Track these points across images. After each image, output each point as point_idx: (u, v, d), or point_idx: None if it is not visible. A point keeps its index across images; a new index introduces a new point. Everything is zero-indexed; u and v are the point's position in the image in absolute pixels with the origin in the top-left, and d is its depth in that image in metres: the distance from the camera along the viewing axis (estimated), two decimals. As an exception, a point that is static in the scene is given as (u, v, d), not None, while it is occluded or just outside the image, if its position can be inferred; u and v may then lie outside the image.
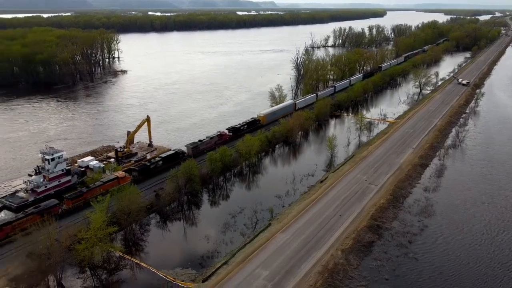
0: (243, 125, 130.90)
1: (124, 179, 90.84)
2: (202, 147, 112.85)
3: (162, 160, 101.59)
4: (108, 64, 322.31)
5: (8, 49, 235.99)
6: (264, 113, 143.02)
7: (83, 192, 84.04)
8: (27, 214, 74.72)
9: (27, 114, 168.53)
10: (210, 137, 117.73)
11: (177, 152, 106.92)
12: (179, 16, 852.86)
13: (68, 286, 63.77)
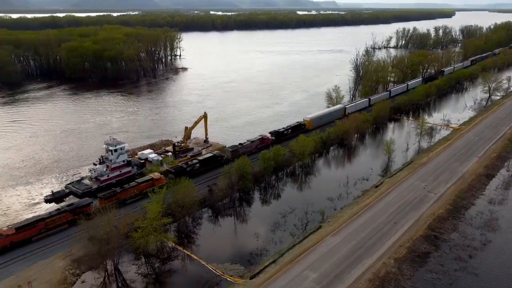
0: (287, 130, 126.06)
1: (159, 180, 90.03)
2: (242, 151, 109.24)
3: (199, 162, 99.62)
4: (170, 62, 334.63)
5: (81, 45, 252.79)
6: (310, 118, 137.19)
7: (117, 192, 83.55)
8: (60, 212, 75.66)
9: (94, 107, 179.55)
10: (251, 141, 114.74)
11: (215, 155, 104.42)
12: (239, 16, 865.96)
13: (124, 271, 67.13)
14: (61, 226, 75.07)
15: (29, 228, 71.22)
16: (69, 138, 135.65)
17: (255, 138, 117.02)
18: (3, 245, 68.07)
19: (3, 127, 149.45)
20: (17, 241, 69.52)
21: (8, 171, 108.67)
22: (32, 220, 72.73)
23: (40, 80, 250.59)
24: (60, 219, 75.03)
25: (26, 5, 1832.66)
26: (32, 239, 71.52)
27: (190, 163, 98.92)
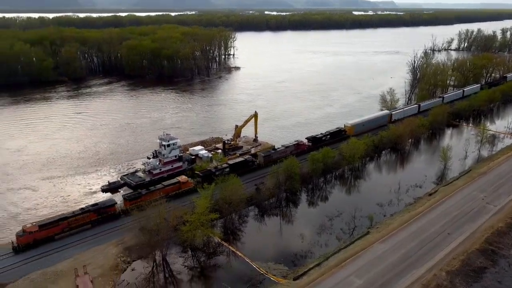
0: (325, 135, 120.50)
1: (186, 184, 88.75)
2: (275, 156, 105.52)
3: (229, 167, 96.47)
4: (223, 61, 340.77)
5: (140, 44, 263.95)
6: (352, 124, 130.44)
7: (142, 194, 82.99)
8: (84, 212, 75.72)
9: (150, 103, 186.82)
10: (286, 146, 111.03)
11: (246, 160, 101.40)
12: (294, 16, 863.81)
13: (171, 262, 69.34)
14: (84, 225, 75.38)
15: (52, 227, 71.85)
16: (125, 132, 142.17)
17: (290, 144, 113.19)
18: (27, 242, 68.97)
19: (67, 119, 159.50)
20: (40, 239, 70.11)
21: (69, 160, 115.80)
22: (55, 219, 73.30)
23: (102, 76, 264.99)
24: (84, 219, 75.26)
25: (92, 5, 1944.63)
26: (55, 237, 72.04)
27: (220, 167, 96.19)
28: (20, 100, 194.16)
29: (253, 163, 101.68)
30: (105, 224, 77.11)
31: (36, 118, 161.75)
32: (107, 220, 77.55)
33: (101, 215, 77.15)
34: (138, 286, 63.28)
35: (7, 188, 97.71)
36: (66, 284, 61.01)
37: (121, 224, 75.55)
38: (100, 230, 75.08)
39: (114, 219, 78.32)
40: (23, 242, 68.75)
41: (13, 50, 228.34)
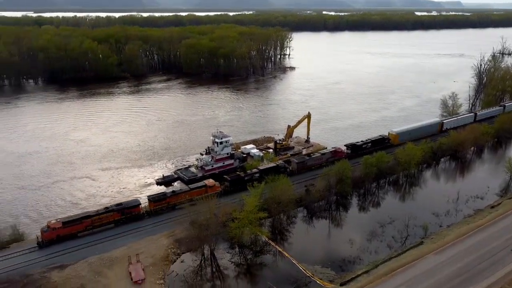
0: (367, 143, 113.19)
1: (213, 188, 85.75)
2: (309, 163, 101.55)
3: (259, 172, 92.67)
4: (279, 60, 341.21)
5: (198, 43, 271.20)
6: (397, 132, 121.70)
7: (167, 196, 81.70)
8: (108, 211, 75.51)
9: (205, 101, 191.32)
10: (322, 153, 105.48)
11: (278, 166, 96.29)
12: (352, 16, 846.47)
13: (219, 258, 70.61)
14: (107, 224, 75.21)
15: (75, 224, 72.16)
16: (179, 128, 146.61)
17: (327, 150, 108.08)
18: (50, 238, 69.63)
19: (127, 114, 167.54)
20: (63, 235, 70.77)
21: (127, 153, 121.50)
22: (79, 217, 73.61)
23: (161, 73, 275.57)
24: (107, 218, 75.08)
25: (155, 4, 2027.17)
26: (78, 234, 72.49)
27: (250, 172, 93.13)
28: (86, 94, 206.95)
29: (285, 169, 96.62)
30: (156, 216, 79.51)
31: (99, 111, 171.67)
32: (131, 220, 77.22)
33: (125, 215, 76.71)
34: (186, 278, 65.13)
35: (70, 177, 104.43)
36: (120, 270, 64.13)
37: (174, 217, 77.62)
38: (154, 220, 77.89)
39: (138, 219, 78.01)
40: (47, 238, 69.58)
41: (82, 47, 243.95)
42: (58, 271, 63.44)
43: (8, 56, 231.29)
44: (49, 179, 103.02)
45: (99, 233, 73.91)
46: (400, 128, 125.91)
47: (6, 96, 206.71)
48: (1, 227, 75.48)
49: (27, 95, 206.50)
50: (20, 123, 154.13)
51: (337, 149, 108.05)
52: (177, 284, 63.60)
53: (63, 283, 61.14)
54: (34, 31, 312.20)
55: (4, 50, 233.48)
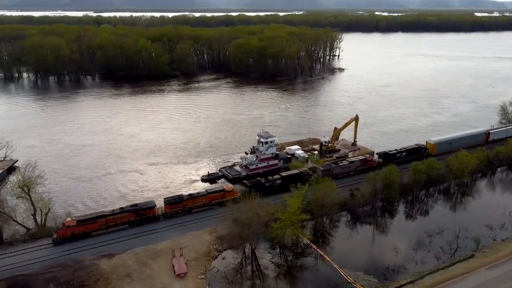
0: (401, 152, 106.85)
1: (231, 193, 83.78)
2: (336, 171, 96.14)
3: (281, 179, 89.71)
4: (328, 61, 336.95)
5: (248, 42, 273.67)
6: (436, 141, 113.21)
7: (183, 199, 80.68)
8: (123, 211, 75.64)
9: (251, 100, 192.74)
10: (351, 161, 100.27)
11: (301, 173, 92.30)
12: (406, 16, 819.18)
13: (259, 257, 70.90)
14: (122, 225, 75.24)
15: (89, 223, 72.61)
16: (225, 127, 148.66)
17: (356, 158, 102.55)
18: (64, 235, 70.40)
19: (176, 111, 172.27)
20: (78, 233, 71.23)
21: (173, 149, 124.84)
22: (94, 216, 74.19)
23: (210, 72, 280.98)
24: (122, 218, 75.16)
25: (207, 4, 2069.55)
26: (92, 233, 72.77)
27: (271, 178, 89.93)
28: (138, 91, 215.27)
29: (309, 177, 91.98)
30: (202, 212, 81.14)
31: (149, 108, 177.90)
32: (145, 221, 76.86)
33: (139, 216, 76.45)
34: (227, 274, 66.01)
35: (119, 170, 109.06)
36: (164, 262, 66.18)
37: (217, 214, 78.70)
38: (198, 216, 79.58)
39: (153, 221, 77.52)
40: (62, 235, 70.44)
41: (137, 46, 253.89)
42: (107, 259, 66.55)
43: (69, 53, 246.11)
44: (100, 171, 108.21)
45: (146, 224, 76.54)
46: (440, 137, 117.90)
47: (66, 91, 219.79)
48: (57, 214, 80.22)
49: (85, 91, 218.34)
50: (77, 116, 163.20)
51: (368, 157, 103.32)
52: (217, 280, 64.63)
53: (111, 271, 64.05)
54: (94, 30, 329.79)
55: (66, 47, 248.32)
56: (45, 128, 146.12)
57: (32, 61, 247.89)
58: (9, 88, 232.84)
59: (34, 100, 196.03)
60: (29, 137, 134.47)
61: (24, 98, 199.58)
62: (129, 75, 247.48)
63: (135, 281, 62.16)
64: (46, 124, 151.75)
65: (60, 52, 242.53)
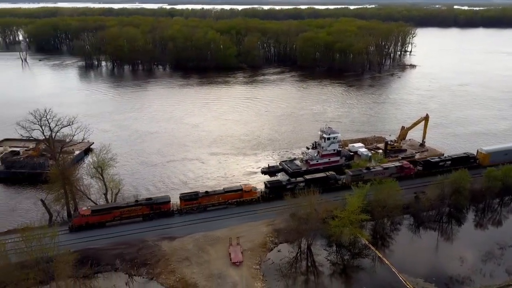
0: (445, 160, 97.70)
1: (249, 193, 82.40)
2: (367, 177, 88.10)
3: (305, 182, 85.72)
4: (398, 57, 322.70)
5: (315, 36, 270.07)
6: (489, 150, 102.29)
7: (199, 196, 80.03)
8: (137, 204, 76.55)
9: (315, 95, 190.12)
10: (385, 167, 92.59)
11: (328, 177, 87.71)
12: (489, 11, 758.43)
13: (315, 253, 70.34)
14: (135, 217, 76.21)
15: (104, 214, 73.90)
16: (286, 121, 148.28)
17: (391, 165, 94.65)
18: (79, 224, 72.34)
19: (239, 103, 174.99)
20: (92, 223, 72.79)
21: (234, 141, 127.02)
22: (108, 206, 75.68)
23: (276, 65, 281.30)
24: (136, 211, 76.09)
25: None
26: (106, 224, 74.16)
27: (293, 180, 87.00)
28: (205, 82, 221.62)
29: (336, 182, 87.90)
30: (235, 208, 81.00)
31: (214, 99, 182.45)
32: (159, 216, 77.22)
33: (154, 210, 77.15)
34: (282, 267, 66.33)
35: (182, 158, 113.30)
36: (221, 249, 68.03)
37: (276, 206, 78.98)
38: (257, 207, 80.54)
39: (167, 216, 77.58)
40: (77, 223, 72.64)
41: (206, 38, 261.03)
42: (168, 241, 69.89)
43: (144, 44, 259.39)
44: (164, 157, 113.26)
45: (210, 211, 79.14)
46: (494, 147, 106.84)
47: (138, 79, 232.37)
48: (125, 195, 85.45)
49: (155, 80, 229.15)
50: (146, 104, 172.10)
51: (404, 164, 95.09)
52: (271, 272, 65.16)
53: (171, 253, 67.17)
54: (166, 22, 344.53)
55: (141, 38, 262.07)
56: (118, 114, 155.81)
57: (110, 51, 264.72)
58: (89, 75, 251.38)
59: (110, 87, 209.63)
60: (103, 121, 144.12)
61: (102, 85, 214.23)
62: (198, 66, 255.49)
63: (193, 265, 64.60)
64: (118, 110, 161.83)
65: (135, 43, 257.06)
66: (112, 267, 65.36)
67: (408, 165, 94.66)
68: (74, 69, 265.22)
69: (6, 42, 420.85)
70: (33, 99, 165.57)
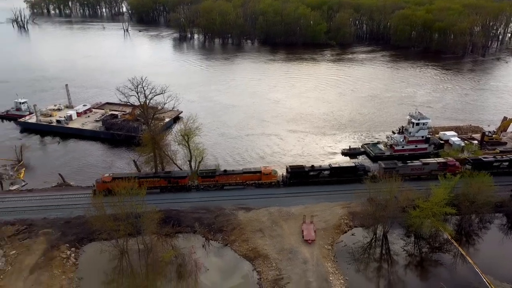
0: (501, 161, 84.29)
1: (268, 176, 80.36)
2: (402, 172, 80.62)
3: (330, 170, 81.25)
4: (508, 40, 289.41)
5: (413, 13, 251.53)
6: None
7: (216, 174, 79.67)
8: (155, 176, 78.52)
9: (406, 77, 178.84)
10: (425, 162, 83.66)
11: (355, 167, 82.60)
12: None
13: (391, 242, 67.98)
14: (153, 188, 77.15)
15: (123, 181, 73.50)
16: (370, 102, 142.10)
17: (433, 160, 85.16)
18: (102, 189, 74.40)
19: (323, 81, 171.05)
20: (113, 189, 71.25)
21: (313, 119, 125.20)
22: (128, 175, 76.32)
23: (367, 43, 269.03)
24: (154, 183, 77.60)
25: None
26: None
27: (317, 168, 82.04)
28: (292, 58, 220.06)
29: (364, 173, 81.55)
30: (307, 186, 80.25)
31: (298, 75, 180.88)
32: (176, 190, 78.35)
33: (171, 183, 78.31)
34: (354, 251, 65.34)
35: (261, 132, 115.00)
36: (294, 225, 68.77)
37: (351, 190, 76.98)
38: (333, 188, 79.59)
39: (183, 190, 78.36)
40: (99, 189, 75.30)
41: (296, 13, 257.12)
42: (244, 212, 72.37)
43: (235, 18, 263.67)
44: (243, 131, 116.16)
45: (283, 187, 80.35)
46: None
47: (227, 53, 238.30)
48: (207, 164, 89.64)
49: (243, 54, 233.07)
50: (231, 78, 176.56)
51: (449, 161, 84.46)
52: (343, 255, 64.53)
53: (246, 222, 69.58)
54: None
55: (233, 12, 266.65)
56: (204, 86, 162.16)
57: (203, 24, 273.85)
58: (182, 47, 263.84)
59: (199, 59, 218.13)
60: (190, 92, 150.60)
61: (192, 57, 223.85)
62: (286, 41, 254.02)
63: (266, 237, 66.31)
64: (205, 82, 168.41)
65: (227, 17, 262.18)
66: (191, 229, 69.70)
67: (453, 162, 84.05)
68: (169, 40, 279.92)
69: (112, 13, 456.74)
70: (131, 67, 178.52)
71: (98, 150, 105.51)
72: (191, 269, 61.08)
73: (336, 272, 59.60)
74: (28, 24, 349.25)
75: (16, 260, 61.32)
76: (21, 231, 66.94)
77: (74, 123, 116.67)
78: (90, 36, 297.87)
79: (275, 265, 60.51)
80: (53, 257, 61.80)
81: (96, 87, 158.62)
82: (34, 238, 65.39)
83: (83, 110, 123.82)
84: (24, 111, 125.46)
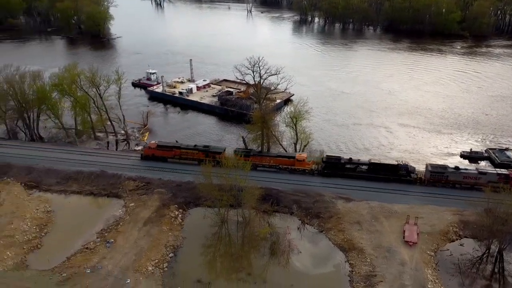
0: None
1: (302, 163, 78.80)
2: (452, 178, 74.07)
3: (368, 166, 77.14)
4: None
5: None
6: None
7: (250, 154, 79.70)
8: (194, 148, 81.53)
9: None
10: (481, 171, 73.86)
11: (398, 166, 76.02)
12: None
13: (506, 260, 60.52)
14: (192, 160, 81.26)
15: (166, 150, 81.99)
16: (500, 103, 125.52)
17: (491, 170, 75.80)
18: (147, 154, 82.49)
19: (447, 75, 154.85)
20: (157, 156, 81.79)
21: (429, 115, 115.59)
22: (171, 145, 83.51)
23: (508, 37, 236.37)
24: (192, 154, 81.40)
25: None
26: (168, 159, 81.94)
27: (355, 161, 79.10)
28: (415, 47, 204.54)
29: (407, 174, 75.96)
30: None
31: (419, 67, 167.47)
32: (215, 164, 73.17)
33: (208, 157, 79.40)
34: (460, 263, 59.79)
35: (368, 123, 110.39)
36: (396, 224, 65.22)
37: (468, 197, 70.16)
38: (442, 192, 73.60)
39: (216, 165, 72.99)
40: (146, 154, 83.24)
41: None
42: (344, 201, 70.98)
43: (359, 2, 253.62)
44: (350, 119, 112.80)
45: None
46: None
47: (346, 38, 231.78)
48: (312, 149, 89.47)
49: (363, 41, 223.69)
50: (346, 64, 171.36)
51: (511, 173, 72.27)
52: (447, 264, 59.52)
53: (344, 213, 68.27)
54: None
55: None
56: (317, 70, 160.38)
57: (325, 7, 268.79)
58: (301, 29, 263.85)
59: (317, 43, 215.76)
60: (303, 75, 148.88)
61: (310, 40, 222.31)
62: (412, 29, 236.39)
63: (363, 231, 64.29)
64: (319, 66, 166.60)
65: (351, 1, 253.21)
66: (289, 210, 70.85)
67: None
68: (289, 23, 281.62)
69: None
70: (250, 47, 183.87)
71: (211, 123, 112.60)
72: (284, 249, 62.37)
73: (436, 281, 55.34)
74: (164, 2, 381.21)
75: (134, 211, 69.34)
76: (140, 187, 75.37)
77: (193, 96, 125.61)
78: (216, 16, 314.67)
79: (369, 260, 58.57)
80: (163, 215, 68.45)
81: (214, 64, 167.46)
82: (149, 195, 73.01)
83: (202, 84, 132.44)
84: (153, 81, 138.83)
